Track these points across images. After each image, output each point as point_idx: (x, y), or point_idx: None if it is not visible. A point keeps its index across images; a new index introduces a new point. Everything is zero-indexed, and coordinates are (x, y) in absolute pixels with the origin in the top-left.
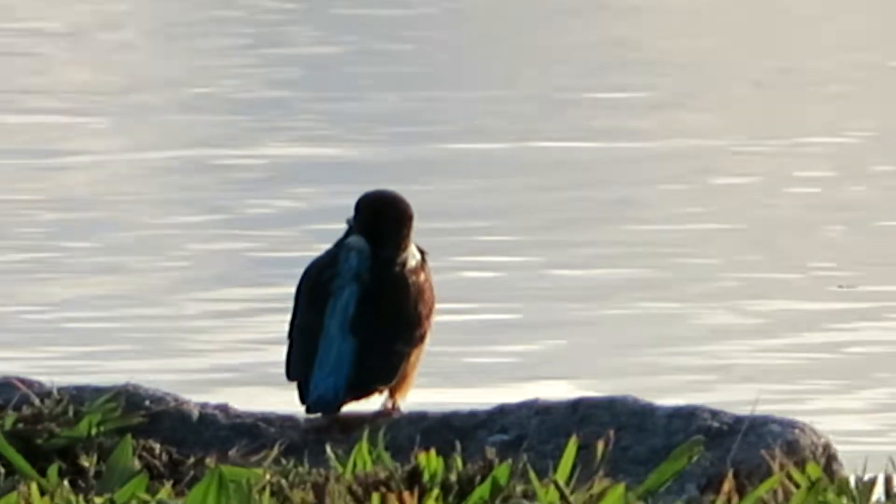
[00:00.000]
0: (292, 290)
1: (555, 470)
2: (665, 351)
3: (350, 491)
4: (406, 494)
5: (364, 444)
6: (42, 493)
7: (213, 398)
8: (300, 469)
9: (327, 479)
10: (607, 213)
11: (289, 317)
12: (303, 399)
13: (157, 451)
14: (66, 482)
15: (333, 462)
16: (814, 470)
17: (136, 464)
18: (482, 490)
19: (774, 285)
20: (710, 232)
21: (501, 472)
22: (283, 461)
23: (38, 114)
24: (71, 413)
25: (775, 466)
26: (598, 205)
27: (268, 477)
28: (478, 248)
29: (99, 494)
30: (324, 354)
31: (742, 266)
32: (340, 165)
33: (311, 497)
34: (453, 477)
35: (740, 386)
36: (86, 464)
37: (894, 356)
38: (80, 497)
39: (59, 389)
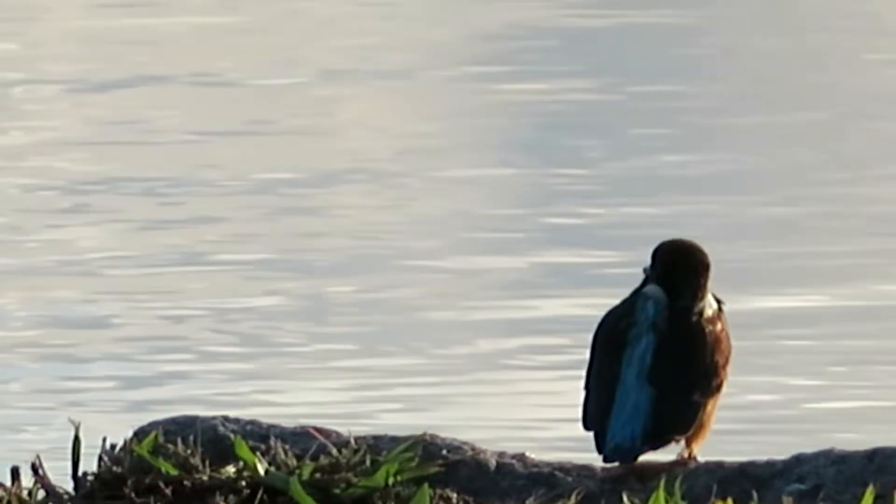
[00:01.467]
0: None
1: None
2: None
3: None
4: None
5: (661, 494)
6: None
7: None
8: None
9: None
10: None
11: (585, 366)
12: (600, 448)
13: (455, 500)
14: None
15: None
16: None
17: None
18: None
19: None
20: None
21: None
22: None
23: None
24: (368, 462)
25: None
26: None
27: None
28: None
29: None
30: (621, 404)
31: None
32: None
33: None
34: None
35: None
36: None
37: None
38: None
39: (357, 438)
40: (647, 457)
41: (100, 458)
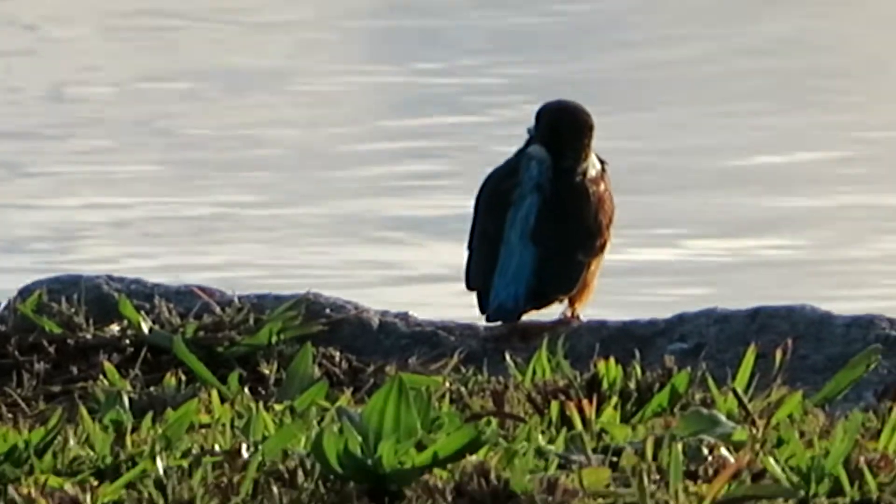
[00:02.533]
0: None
1: (733, 378)
2: None
3: (529, 398)
4: (585, 402)
5: (544, 353)
6: (222, 400)
7: None
8: (479, 377)
9: (506, 386)
10: None
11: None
12: (483, 308)
13: (337, 358)
14: (246, 389)
15: (513, 370)
16: None
17: (316, 371)
18: (661, 398)
19: None
20: None
21: (680, 380)
22: (463, 369)
23: None
24: (252, 321)
25: None
26: None
27: (447, 384)
28: None
29: (279, 401)
30: (504, 264)
31: None
32: None
33: (490, 404)
34: (632, 385)
35: None
36: (266, 371)
37: None
38: (260, 404)
39: (240, 298)
40: (531, 316)
41: None
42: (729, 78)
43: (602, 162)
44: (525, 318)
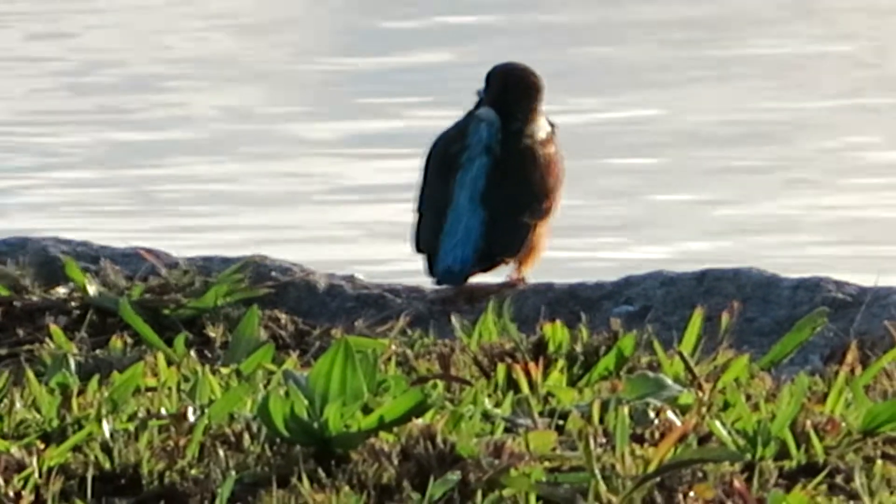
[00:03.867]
0: None
1: (680, 341)
2: None
3: (475, 361)
4: (531, 365)
5: (490, 315)
6: (169, 363)
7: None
8: (426, 340)
9: (453, 349)
10: None
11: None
12: (430, 270)
13: (284, 321)
14: (192, 352)
15: (459, 332)
16: None
17: (263, 334)
18: (607, 361)
19: None
20: None
21: (626, 342)
22: (409, 332)
23: None
24: (198, 284)
25: None
26: None
27: (394, 347)
28: None
29: (225, 364)
30: (452, 226)
31: None
32: None
33: (436, 367)
34: (578, 348)
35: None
36: (212, 334)
37: None
38: (207, 367)
39: (187, 260)
40: (478, 279)
41: None
42: None
43: (552, 125)
44: (472, 280)
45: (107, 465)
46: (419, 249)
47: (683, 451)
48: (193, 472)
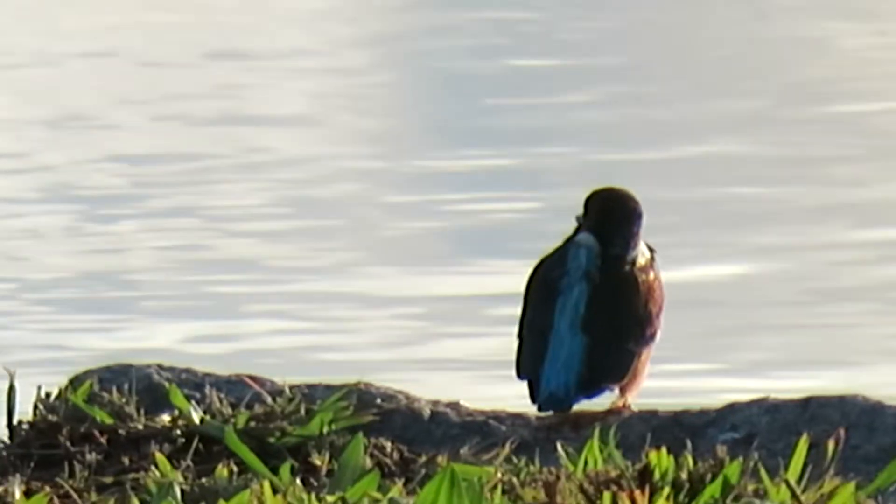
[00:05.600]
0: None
1: (785, 468)
2: None
3: (581, 489)
4: (637, 493)
5: (595, 442)
6: (275, 491)
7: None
8: (531, 467)
9: (558, 477)
10: None
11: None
12: (533, 397)
13: (389, 448)
14: (297, 480)
15: (564, 460)
16: None
17: (368, 462)
18: (713, 488)
19: None
20: None
21: (732, 470)
22: (515, 459)
23: None
24: (303, 411)
25: None
26: None
27: (499, 475)
28: None
29: (331, 492)
30: (554, 352)
31: None
32: None
33: (542, 495)
34: (684, 475)
35: None
36: (317, 462)
37: None
38: (312, 495)
39: (291, 387)
40: (582, 405)
41: (35, 407)
42: None
43: (651, 250)
44: (576, 407)
45: None
46: (521, 375)
47: None
48: None
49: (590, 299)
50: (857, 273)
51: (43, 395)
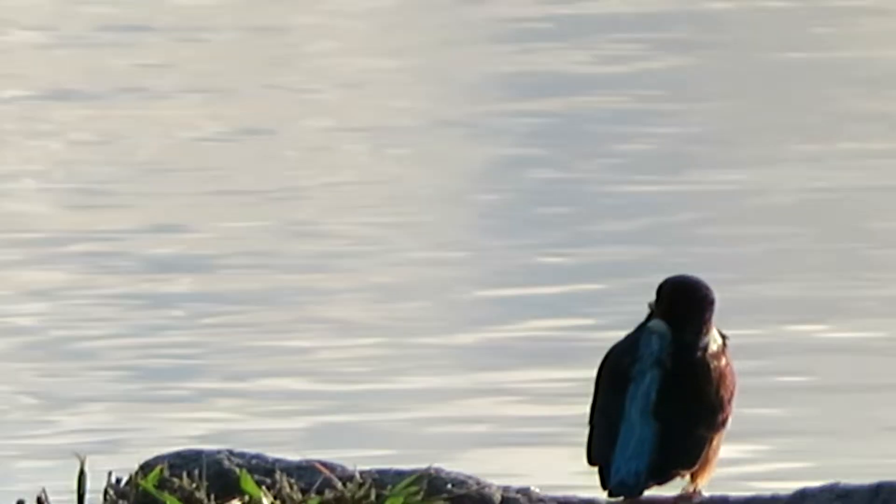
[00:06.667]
0: None
1: None
2: None
3: None
4: None
5: None
6: None
7: None
8: None
9: None
10: None
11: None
12: (604, 483)
13: None
14: None
15: None
16: None
17: None
18: None
19: None
20: None
21: None
22: None
23: None
24: (373, 497)
25: None
26: None
27: None
28: None
29: None
30: (625, 439)
31: None
32: None
33: None
34: None
35: None
36: None
37: None
38: None
39: (362, 473)
40: (653, 492)
41: (105, 493)
42: None
43: (723, 336)
44: (647, 493)
45: None
46: (592, 462)
47: None
48: None
49: (661, 386)
50: None
51: (113, 480)
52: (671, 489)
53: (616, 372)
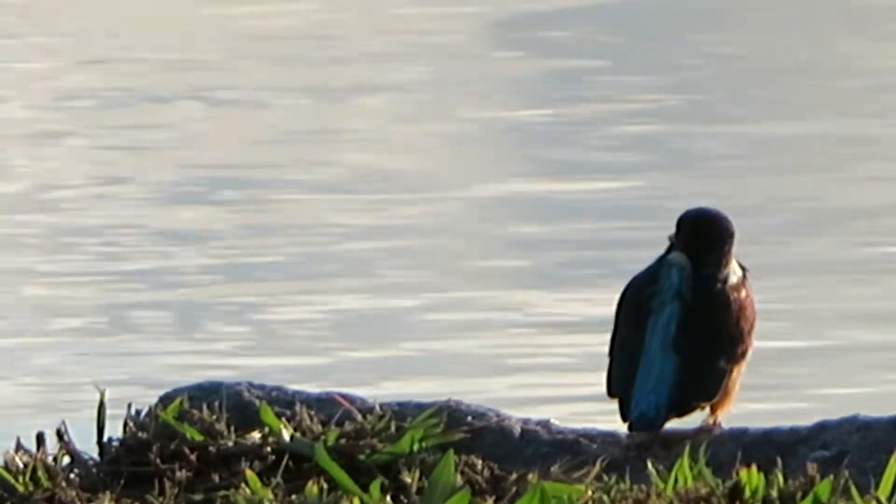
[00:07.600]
0: None
1: (877, 486)
2: None
3: None
4: None
5: (685, 461)
6: None
7: None
8: (622, 485)
9: (649, 495)
10: None
11: (609, 334)
12: (624, 416)
13: (479, 466)
14: (388, 498)
15: (655, 478)
16: None
17: (459, 480)
18: None
19: None
20: None
21: (823, 488)
22: (605, 477)
23: None
24: (393, 429)
25: None
26: None
27: (590, 493)
28: None
29: None
30: (645, 372)
31: None
32: None
33: None
34: (774, 493)
35: None
36: (408, 479)
37: None
38: None
39: (382, 405)
40: (672, 424)
41: (125, 424)
42: None
43: (743, 269)
44: (667, 426)
45: None
46: (612, 394)
47: None
48: None
49: (681, 319)
50: None
51: (133, 412)
52: (691, 422)
53: (636, 304)
